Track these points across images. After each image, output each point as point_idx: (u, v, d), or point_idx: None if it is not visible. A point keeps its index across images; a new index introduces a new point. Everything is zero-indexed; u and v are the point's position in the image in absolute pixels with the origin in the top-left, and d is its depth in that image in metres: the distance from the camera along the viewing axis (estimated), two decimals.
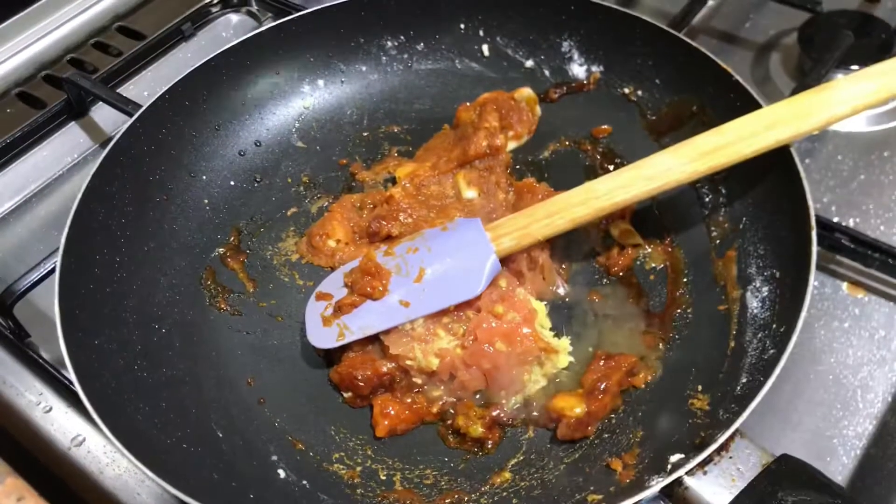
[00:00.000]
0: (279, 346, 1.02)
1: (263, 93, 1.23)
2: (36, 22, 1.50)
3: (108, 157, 1.05)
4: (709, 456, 0.76)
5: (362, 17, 1.25)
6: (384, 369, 0.93)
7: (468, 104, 1.19)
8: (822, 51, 1.22)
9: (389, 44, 1.27)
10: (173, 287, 1.05)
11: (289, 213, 1.16)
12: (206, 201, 1.14)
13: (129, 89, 1.41)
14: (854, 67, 1.21)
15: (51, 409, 1.01)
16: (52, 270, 1.00)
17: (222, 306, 1.05)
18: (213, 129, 1.18)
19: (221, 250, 1.11)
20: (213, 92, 1.18)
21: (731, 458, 0.76)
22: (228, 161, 1.18)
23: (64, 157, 1.35)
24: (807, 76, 1.19)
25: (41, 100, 1.42)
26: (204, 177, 1.16)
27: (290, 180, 1.19)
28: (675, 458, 0.79)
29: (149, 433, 0.87)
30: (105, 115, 1.38)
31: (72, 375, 0.84)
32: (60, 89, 1.37)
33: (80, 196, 1.00)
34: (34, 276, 1.05)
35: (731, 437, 0.76)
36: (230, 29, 1.55)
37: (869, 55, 1.21)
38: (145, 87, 1.43)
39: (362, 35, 1.26)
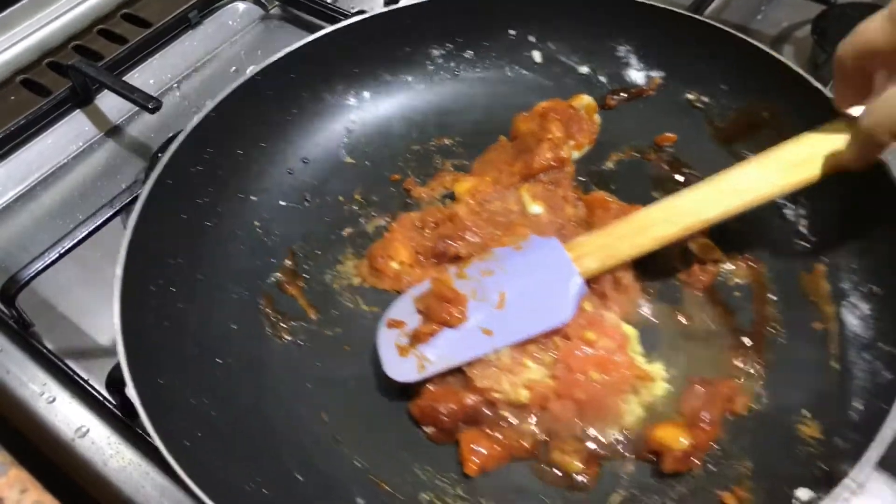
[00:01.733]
0: (349, 377, 0.97)
1: (308, 107, 1.17)
2: (40, 8, 1.46)
3: (157, 182, 0.98)
4: (837, 491, 0.72)
5: (408, 26, 1.19)
6: (468, 402, 0.88)
7: (525, 114, 1.14)
8: (836, 44, 1.17)
9: (436, 52, 1.22)
10: (232, 317, 1.00)
11: (345, 233, 1.10)
12: (256, 223, 1.09)
13: (134, 77, 1.37)
14: None
15: (54, 399, 0.98)
16: (56, 259, 1.02)
17: (285, 336, 1.00)
18: (260, 147, 1.12)
19: (278, 275, 1.05)
20: (257, 108, 1.12)
21: (866, 495, 0.72)
22: (277, 180, 1.13)
23: (69, 145, 1.31)
24: (820, 69, 1.16)
25: (45, 87, 1.37)
26: (253, 197, 1.10)
27: (341, 198, 1.14)
28: (802, 492, 0.75)
29: (228, 480, 0.81)
30: (110, 104, 1.34)
31: (148, 427, 0.78)
32: (65, 77, 1.33)
33: (130, 230, 0.93)
34: (38, 265, 1.02)
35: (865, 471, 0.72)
36: (237, 17, 1.51)
37: None
38: (151, 76, 1.39)
39: (408, 44, 1.20)
